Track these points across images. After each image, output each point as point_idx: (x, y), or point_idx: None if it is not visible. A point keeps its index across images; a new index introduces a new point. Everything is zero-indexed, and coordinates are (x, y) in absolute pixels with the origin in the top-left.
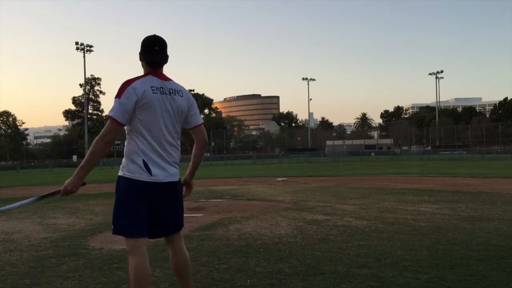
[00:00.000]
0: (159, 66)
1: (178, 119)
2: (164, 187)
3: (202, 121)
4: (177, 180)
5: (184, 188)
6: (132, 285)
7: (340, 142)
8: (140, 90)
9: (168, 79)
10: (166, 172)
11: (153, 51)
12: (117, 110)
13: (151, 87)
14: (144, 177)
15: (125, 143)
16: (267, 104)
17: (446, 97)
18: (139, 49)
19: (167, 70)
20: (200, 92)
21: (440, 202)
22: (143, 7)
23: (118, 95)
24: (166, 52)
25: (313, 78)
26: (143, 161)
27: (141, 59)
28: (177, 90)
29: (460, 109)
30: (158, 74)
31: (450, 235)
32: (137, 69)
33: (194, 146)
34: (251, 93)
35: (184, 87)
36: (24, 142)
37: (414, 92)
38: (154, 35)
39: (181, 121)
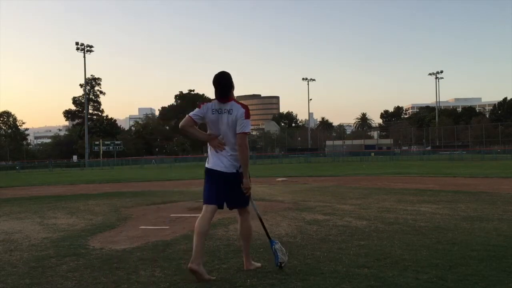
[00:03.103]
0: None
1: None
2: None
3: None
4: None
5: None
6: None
7: (340, 142)
8: None
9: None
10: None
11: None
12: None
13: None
14: None
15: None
16: (267, 104)
17: (445, 97)
18: (139, 49)
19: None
20: (200, 92)
21: (440, 202)
22: (143, 7)
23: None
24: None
25: (313, 78)
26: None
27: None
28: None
29: (459, 109)
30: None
31: (450, 235)
32: (137, 69)
33: None
34: (251, 93)
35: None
36: (25, 142)
37: (414, 92)
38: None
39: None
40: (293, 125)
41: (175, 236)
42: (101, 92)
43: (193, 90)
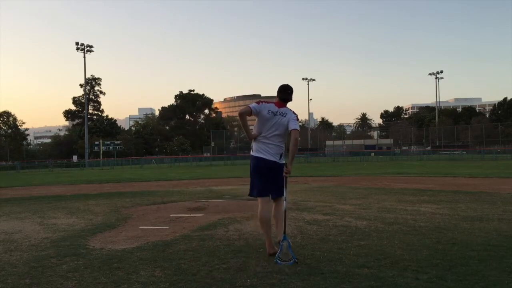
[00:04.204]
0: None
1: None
2: None
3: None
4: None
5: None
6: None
7: (340, 142)
8: None
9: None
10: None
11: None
12: None
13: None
14: None
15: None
16: None
17: (446, 97)
18: (139, 49)
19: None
20: (200, 92)
21: (440, 202)
22: (143, 7)
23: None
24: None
25: (313, 78)
26: None
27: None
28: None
29: (459, 109)
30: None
31: (450, 235)
32: (137, 69)
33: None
34: (251, 93)
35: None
36: (25, 142)
37: (414, 92)
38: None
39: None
40: None
41: (175, 236)
42: (101, 92)
43: (193, 90)
